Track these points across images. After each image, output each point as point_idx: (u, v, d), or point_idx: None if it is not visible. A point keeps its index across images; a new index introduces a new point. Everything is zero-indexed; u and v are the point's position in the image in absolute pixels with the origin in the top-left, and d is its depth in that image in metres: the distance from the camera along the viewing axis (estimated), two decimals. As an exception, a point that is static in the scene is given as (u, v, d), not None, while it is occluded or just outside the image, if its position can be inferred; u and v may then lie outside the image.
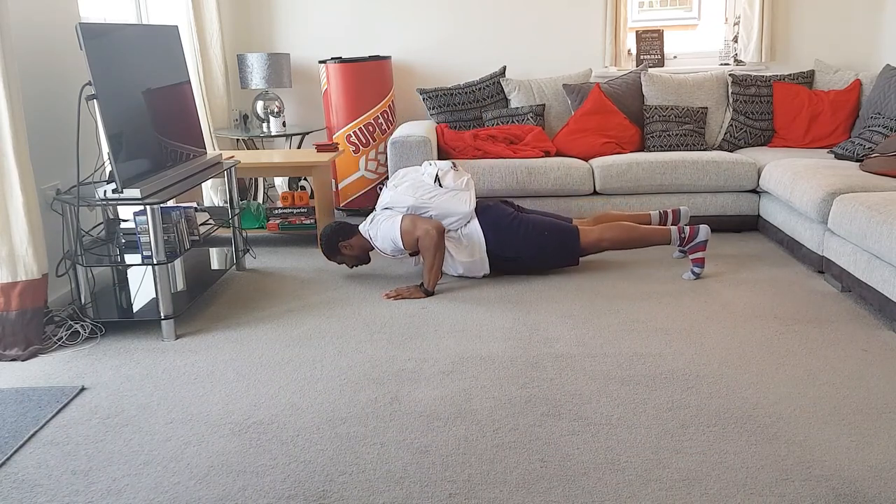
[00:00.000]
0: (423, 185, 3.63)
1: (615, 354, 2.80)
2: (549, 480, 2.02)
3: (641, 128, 4.73)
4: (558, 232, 3.65)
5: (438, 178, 3.64)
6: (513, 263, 3.69)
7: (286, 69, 5.10)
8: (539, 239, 3.63)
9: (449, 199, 3.60)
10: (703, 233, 3.62)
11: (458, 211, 3.60)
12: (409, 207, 3.58)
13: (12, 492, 2.05)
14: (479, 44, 5.36)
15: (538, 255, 3.66)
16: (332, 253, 3.76)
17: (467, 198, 3.63)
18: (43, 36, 3.32)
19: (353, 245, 3.71)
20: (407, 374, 2.69)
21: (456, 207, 3.60)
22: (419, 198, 3.59)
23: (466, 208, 3.61)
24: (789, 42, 5.24)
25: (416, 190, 3.61)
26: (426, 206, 3.58)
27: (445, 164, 3.70)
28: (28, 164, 2.92)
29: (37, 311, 2.99)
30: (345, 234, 3.72)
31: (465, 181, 3.67)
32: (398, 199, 3.62)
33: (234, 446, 2.24)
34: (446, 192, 3.61)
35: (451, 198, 3.60)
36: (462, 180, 3.67)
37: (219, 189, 4.86)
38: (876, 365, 2.66)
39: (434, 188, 3.62)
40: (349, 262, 3.79)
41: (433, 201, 3.59)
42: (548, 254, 3.67)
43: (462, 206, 3.60)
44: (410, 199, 3.59)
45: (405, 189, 3.63)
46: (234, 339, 3.07)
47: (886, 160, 3.72)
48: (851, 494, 1.92)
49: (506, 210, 3.70)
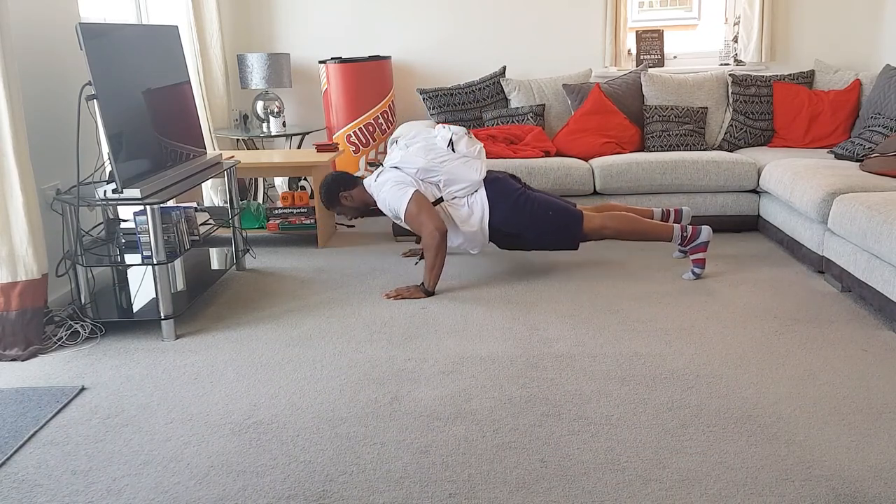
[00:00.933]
0: (435, 148, 3.57)
1: (615, 354, 2.80)
2: (549, 480, 2.02)
3: (641, 128, 4.73)
4: (563, 213, 3.60)
5: (452, 142, 3.57)
6: (513, 240, 3.64)
7: (286, 69, 5.11)
8: (543, 218, 3.57)
9: (460, 165, 3.54)
10: (705, 234, 3.61)
11: (468, 178, 3.54)
12: (420, 169, 3.52)
13: (12, 492, 2.05)
14: (479, 44, 5.36)
15: (540, 234, 3.60)
16: (331, 202, 3.72)
17: (478, 166, 3.57)
18: (43, 36, 3.32)
19: (354, 196, 3.67)
20: (407, 374, 2.69)
21: (466, 174, 3.54)
22: (431, 160, 3.52)
23: (476, 176, 3.55)
24: (789, 42, 5.25)
25: (429, 152, 3.54)
26: (436, 169, 3.52)
27: (460, 130, 3.64)
28: (28, 164, 2.92)
29: (37, 311, 2.99)
30: (346, 185, 3.68)
31: (477, 149, 3.61)
32: (409, 159, 3.55)
33: (234, 446, 2.24)
34: (458, 158, 3.55)
35: (462, 164, 3.54)
36: (475, 148, 3.60)
37: (219, 189, 4.86)
38: (876, 365, 2.66)
39: (446, 152, 3.55)
40: (348, 213, 3.75)
41: (444, 166, 3.52)
42: (549, 234, 3.61)
43: (472, 173, 3.55)
44: (422, 161, 3.52)
45: (417, 150, 3.56)
46: (234, 339, 3.07)
47: (886, 160, 3.72)
48: (851, 494, 1.92)
49: (513, 185, 3.64)
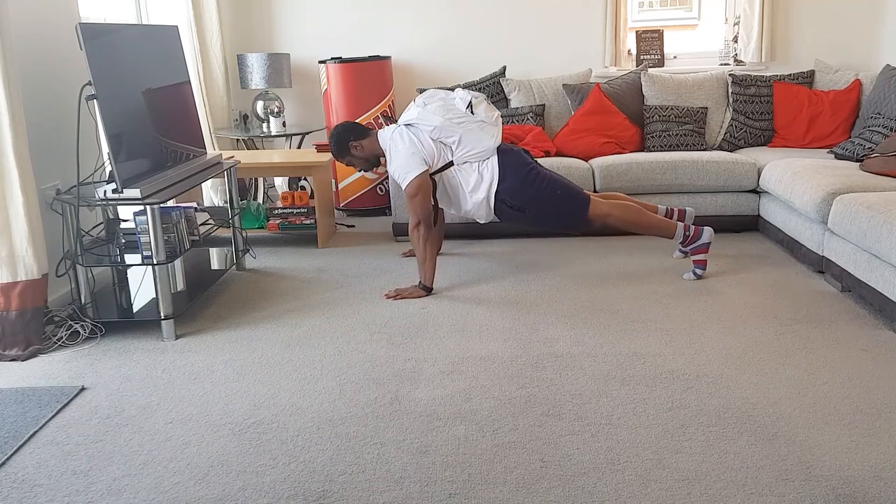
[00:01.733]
0: (454, 109, 3.53)
1: (615, 354, 2.80)
2: (549, 480, 2.02)
3: (641, 128, 4.73)
4: (570, 194, 3.58)
5: (472, 105, 3.54)
6: (517, 214, 3.60)
7: (286, 69, 5.11)
8: (551, 196, 3.54)
9: (476, 130, 3.50)
10: (707, 235, 3.61)
11: (483, 143, 3.51)
12: (436, 128, 3.48)
13: (12, 492, 2.05)
14: (479, 44, 5.36)
15: (544, 211, 3.57)
16: (341, 152, 3.69)
17: (495, 133, 3.54)
18: (43, 36, 3.32)
19: (365, 147, 3.65)
20: (407, 374, 2.69)
21: (481, 139, 3.51)
22: (448, 119, 3.48)
23: (491, 142, 3.52)
24: (789, 42, 5.24)
25: (447, 111, 3.50)
26: (452, 130, 3.48)
27: (480, 95, 3.61)
28: (28, 164, 2.92)
29: (37, 311, 2.99)
30: (357, 134, 3.66)
31: (495, 116, 3.58)
32: (426, 116, 3.51)
33: (234, 446, 2.24)
34: (475, 122, 3.51)
35: (478, 128, 3.51)
36: (493, 115, 3.57)
37: (219, 189, 4.86)
38: (876, 365, 2.66)
39: (465, 114, 3.52)
40: (358, 164, 3.74)
41: (461, 127, 3.49)
42: (554, 213, 3.59)
43: (488, 139, 3.52)
44: (439, 119, 3.48)
45: (435, 108, 3.52)
46: (234, 339, 3.07)
47: (886, 160, 3.72)
48: (851, 494, 1.92)
49: (525, 159, 3.62)
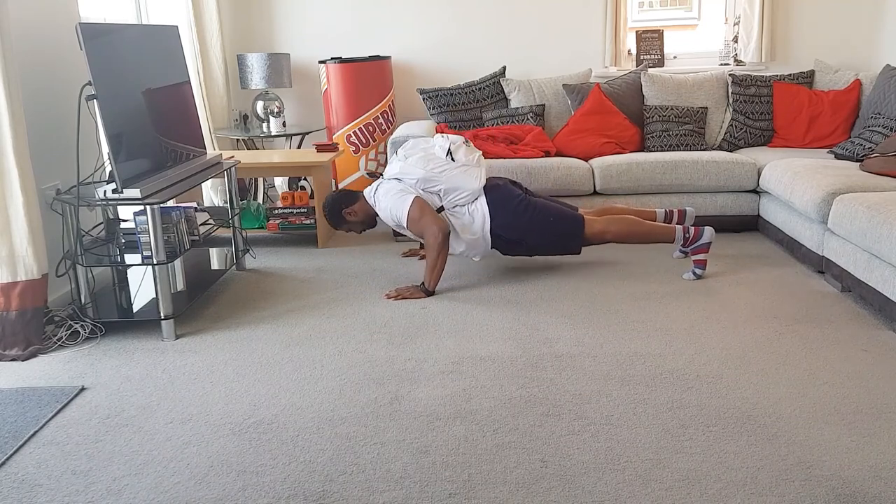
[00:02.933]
0: (434, 158, 3.57)
1: (615, 354, 2.80)
2: (549, 480, 2.02)
3: (641, 128, 4.73)
4: (564, 219, 3.61)
5: (450, 151, 3.58)
6: (515, 246, 3.64)
7: (286, 69, 5.11)
8: (544, 224, 3.58)
9: (459, 174, 3.54)
10: (708, 234, 3.61)
11: (468, 187, 3.55)
12: (419, 180, 3.52)
13: (12, 492, 2.05)
14: (479, 44, 5.36)
15: (541, 240, 3.61)
16: (337, 222, 3.74)
17: (478, 174, 3.57)
18: (43, 36, 3.32)
19: (357, 211, 3.68)
20: (407, 374, 2.69)
21: (465, 183, 3.54)
22: (430, 170, 3.52)
23: (476, 184, 3.55)
24: (789, 42, 5.24)
25: (428, 162, 3.54)
26: (436, 179, 3.52)
27: (458, 139, 3.65)
28: (28, 164, 2.92)
29: (37, 311, 2.99)
30: (348, 202, 3.69)
31: (476, 157, 3.61)
32: (408, 170, 3.55)
33: (234, 446, 2.24)
34: (457, 167, 3.55)
35: (461, 173, 3.54)
36: (473, 156, 3.61)
37: (219, 189, 4.86)
38: (876, 365, 2.66)
39: (445, 162, 3.55)
40: (356, 228, 3.77)
41: (443, 175, 3.52)
42: (551, 240, 3.63)
43: (472, 181, 3.55)
44: (421, 172, 3.52)
45: (416, 161, 3.56)
46: (234, 339, 3.07)
47: (886, 160, 3.72)
48: (851, 494, 1.92)
49: (514, 191, 3.65)
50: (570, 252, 3.70)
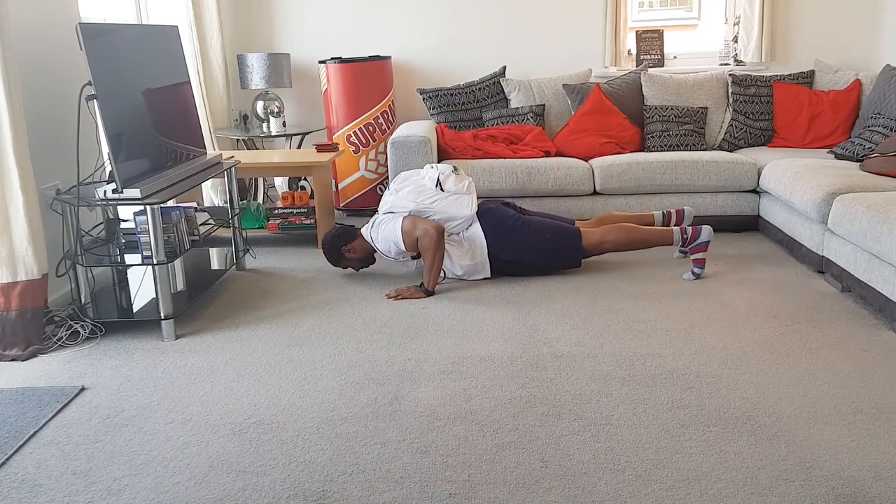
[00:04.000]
0: (424, 190, 3.63)
1: (615, 354, 2.80)
2: (549, 480, 2.02)
3: (641, 128, 4.73)
4: (560, 234, 3.65)
5: (440, 181, 3.63)
6: (515, 266, 3.68)
7: (286, 69, 5.10)
8: (541, 241, 3.63)
9: (451, 203, 3.60)
10: (706, 233, 3.62)
11: (460, 214, 3.60)
12: (411, 212, 3.58)
13: (12, 492, 2.05)
14: (479, 44, 5.36)
15: (540, 257, 3.66)
16: (336, 259, 3.77)
17: (469, 201, 3.63)
18: (43, 36, 3.32)
19: (356, 248, 3.72)
20: (407, 374, 2.69)
21: (458, 211, 3.60)
22: (421, 202, 3.59)
23: (468, 212, 3.61)
24: (789, 42, 5.24)
25: (418, 195, 3.61)
26: (428, 210, 3.58)
27: (446, 168, 3.70)
28: (28, 164, 2.92)
29: (37, 311, 2.99)
30: (346, 239, 3.73)
31: (466, 185, 3.67)
32: (400, 203, 3.62)
33: (234, 446, 2.24)
34: (448, 196, 3.61)
35: (452, 202, 3.60)
36: (463, 184, 3.66)
37: (219, 189, 4.86)
38: (876, 365, 2.66)
39: (435, 192, 3.61)
40: (355, 265, 3.81)
41: (435, 205, 3.58)
42: (550, 256, 3.67)
43: (464, 209, 3.60)
44: (412, 205, 3.58)
45: (407, 194, 3.63)
46: (234, 339, 3.07)
47: (886, 160, 3.72)
48: (851, 494, 1.92)
49: (507, 212, 3.69)
50: (570, 266, 3.75)
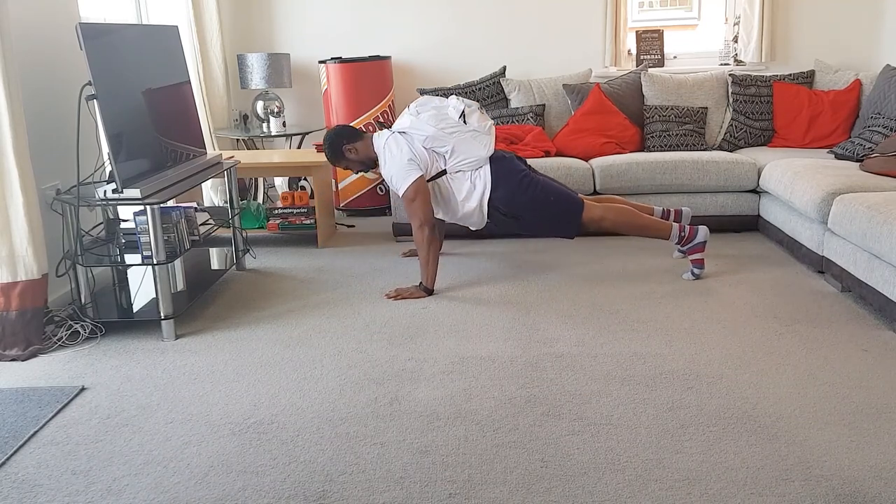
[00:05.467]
0: (446, 118, 3.52)
1: (615, 354, 2.80)
2: (549, 480, 2.02)
3: (641, 128, 4.73)
4: (564, 200, 3.58)
5: (464, 114, 3.53)
6: (511, 221, 3.59)
7: (286, 69, 5.10)
8: (544, 203, 3.54)
9: (469, 139, 3.50)
10: (702, 234, 3.61)
11: (475, 153, 3.51)
12: (428, 137, 3.48)
13: (12, 492, 2.05)
14: (479, 44, 5.36)
15: (538, 218, 3.58)
16: (336, 157, 3.68)
17: (487, 142, 3.54)
18: (43, 36, 3.32)
19: (359, 150, 3.64)
20: (407, 374, 2.69)
21: (473, 149, 3.51)
22: (441, 129, 3.48)
23: (483, 152, 3.52)
24: (789, 42, 5.24)
25: (439, 121, 3.50)
26: (445, 139, 3.48)
27: (473, 103, 3.62)
28: (28, 164, 2.92)
29: (37, 311, 2.99)
30: (350, 138, 3.65)
31: (488, 125, 3.58)
32: (418, 125, 3.51)
33: (234, 446, 2.24)
34: (468, 131, 3.51)
35: (471, 138, 3.51)
36: (486, 124, 3.57)
37: (219, 189, 4.86)
38: (876, 365, 2.66)
39: (458, 123, 3.51)
40: (354, 166, 3.73)
41: (453, 136, 3.49)
42: (548, 219, 3.59)
43: (480, 148, 3.52)
44: (431, 129, 3.48)
45: (428, 118, 3.51)
46: (234, 339, 3.07)
47: (886, 160, 3.72)
48: (851, 494, 1.92)
49: (518, 166, 3.62)
50: (564, 235, 3.66)
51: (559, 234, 3.68)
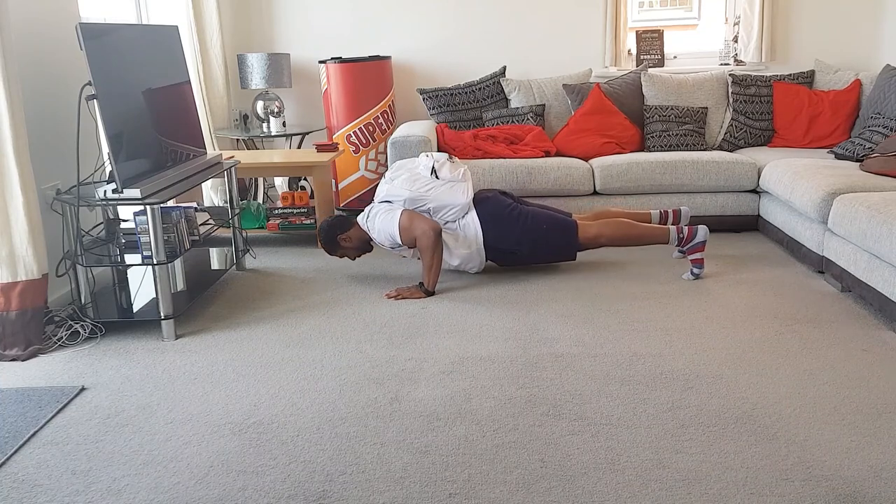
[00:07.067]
0: (419, 178, 3.60)
1: (615, 354, 2.80)
2: (549, 480, 2.02)
3: (641, 128, 4.73)
4: (557, 226, 3.64)
5: (435, 169, 3.61)
6: (510, 256, 3.68)
7: (286, 69, 5.10)
8: (538, 232, 3.61)
9: (446, 191, 3.57)
10: (702, 233, 3.62)
11: (456, 202, 3.58)
12: (406, 200, 3.56)
13: (12, 492, 2.05)
14: (479, 44, 5.36)
15: (536, 248, 3.64)
16: (332, 248, 3.75)
17: (464, 189, 3.60)
18: (43, 36, 3.32)
19: (352, 237, 3.70)
20: (407, 374, 2.69)
21: (453, 199, 3.57)
22: (416, 190, 3.56)
23: (463, 199, 3.59)
24: (789, 42, 5.24)
25: (413, 182, 3.58)
26: (423, 198, 3.56)
27: (441, 156, 3.68)
28: (28, 164, 2.92)
29: (37, 311, 2.99)
30: (342, 228, 3.71)
31: (461, 172, 3.64)
32: (395, 191, 3.59)
33: (234, 446, 2.24)
34: (443, 184, 3.58)
35: (447, 189, 3.58)
36: (459, 171, 3.64)
37: (219, 189, 4.86)
38: (876, 365, 2.66)
39: (430, 180, 3.59)
40: (351, 254, 3.78)
41: (430, 193, 3.56)
42: (546, 247, 3.66)
43: (459, 197, 3.58)
44: (407, 192, 3.56)
45: (402, 182, 3.60)
46: (234, 339, 3.07)
47: (886, 160, 3.72)
48: (851, 494, 1.92)
49: (504, 201, 3.68)
50: (566, 258, 3.75)
51: (560, 258, 3.76)
